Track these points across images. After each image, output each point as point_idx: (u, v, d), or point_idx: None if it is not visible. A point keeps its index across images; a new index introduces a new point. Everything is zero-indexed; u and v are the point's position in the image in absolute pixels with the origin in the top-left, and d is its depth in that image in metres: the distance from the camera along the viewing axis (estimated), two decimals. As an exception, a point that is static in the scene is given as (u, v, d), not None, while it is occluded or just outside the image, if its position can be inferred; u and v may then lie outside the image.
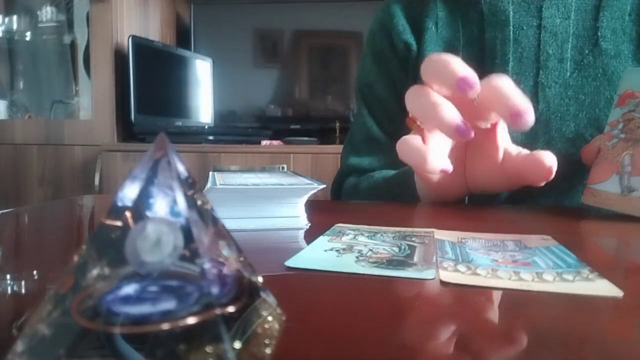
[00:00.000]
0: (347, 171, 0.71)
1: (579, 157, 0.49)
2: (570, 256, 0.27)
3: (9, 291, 0.24)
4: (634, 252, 0.33)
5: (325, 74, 2.10)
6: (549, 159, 0.42)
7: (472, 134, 0.40)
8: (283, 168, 0.53)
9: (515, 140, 0.58)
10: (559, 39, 0.58)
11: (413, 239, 0.31)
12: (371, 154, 0.68)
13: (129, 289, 0.14)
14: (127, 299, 0.13)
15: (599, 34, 0.57)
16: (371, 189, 0.64)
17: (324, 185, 0.37)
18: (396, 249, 0.28)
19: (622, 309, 0.20)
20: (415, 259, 0.26)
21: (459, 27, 0.64)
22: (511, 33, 0.59)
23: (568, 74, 0.58)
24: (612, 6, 0.58)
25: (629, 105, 0.43)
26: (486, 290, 0.22)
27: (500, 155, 0.46)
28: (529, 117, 0.38)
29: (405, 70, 0.68)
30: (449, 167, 0.42)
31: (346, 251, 0.28)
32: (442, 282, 0.23)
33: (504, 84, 0.40)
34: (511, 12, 0.60)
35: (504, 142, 0.46)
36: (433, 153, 0.42)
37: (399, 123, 0.70)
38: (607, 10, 0.57)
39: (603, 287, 0.22)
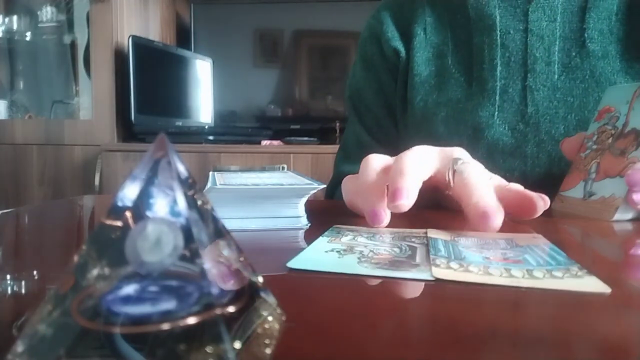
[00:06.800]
0: (339, 178, 0.71)
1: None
2: (560, 254, 0.27)
3: (9, 291, 0.24)
4: (620, 251, 0.34)
5: (325, 74, 2.10)
6: (541, 203, 0.37)
7: (383, 224, 0.36)
8: (283, 168, 0.53)
9: (506, 144, 0.59)
10: (545, 42, 0.58)
11: (412, 239, 0.31)
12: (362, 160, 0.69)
13: (129, 289, 0.14)
14: (127, 299, 0.13)
15: (586, 35, 0.57)
16: None
17: (324, 186, 0.37)
18: (397, 250, 0.28)
19: (610, 304, 0.21)
20: (418, 259, 0.26)
21: (448, 32, 0.65)
22: (498, 37, 0.60)
23: (556, 76, 0.58)
24: (599, 7, 0.57)
25: (604, 119, 0.45)
26: (486, 289, 0.22)
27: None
28: (495, 222, 0.33)
29: (395, 77, 0.69)
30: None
31: (347, 252, 0.28)
32: (441, 282, 0.23)
33: (477, 182, 0.36)
34: (497, 17, 0.60)
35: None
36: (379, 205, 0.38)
37: (387, 129, 0.71)
38: (594, 12, 0.57)
39: (591, 284, 0.22)
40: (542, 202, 0.37)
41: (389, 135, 0.70)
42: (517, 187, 0.39)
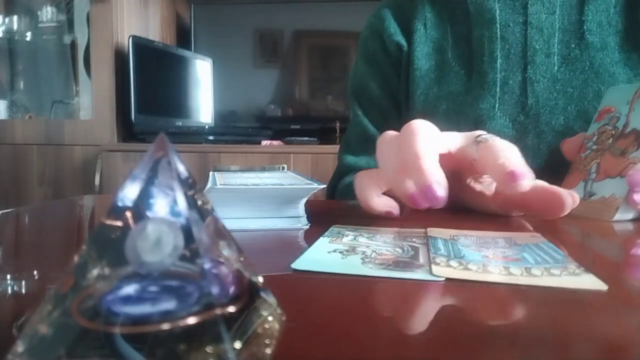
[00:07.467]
0: (343, 171, 0.71)
1: None
2: (558, 252, 0.27)
3: (9, 291, 0.24)
4: (617, 249, 0.34)
5: (325, 74, 2.10)
6: (569, 200, 0.35)
7: (423, 206, 0.34)
8: (283, 168, 0.54)
9: (506, 135, 0.59)
10: (545, 34, 0.59)
11: (413, 239, 0.31)
12: (367, 153, 0.69)
13: (129, 289, 0.14)
14: (127, 299, 0.13)
15: (585, 27, 0.58)
16: None
17: (324, 186, 0.37)
18: (399, 250, 0.28)
19: (606, 301, 0.21)
20: (421, 260, 0.26)
21: (447, 28, 0.66)
22: (498, 31, 0.60)
23: (556, 68, 0.58)
24: None
25: (604, 120, 0.45)
26: (485, 288, 0.22)
27: (492, 190, 0.42)
28: (525, 180, 0.33)
29: (397, 71, 0.69)
30: (394, 211, 0.39)
31: (350, 253, 0.28)
32: (446, 283, 0.23)
33: (504, 146, 0.36)
34: (497, 10, 0.60)
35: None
36: (375, 199, 0.39)
37: (392, 121, 0.71)
38: (592, 4, 0.58)
39: (588, 281, 0.22)
40: (570, 199, 0.35)
41: (394, 127, 0.70)
42: (542, 182, 0.37)
